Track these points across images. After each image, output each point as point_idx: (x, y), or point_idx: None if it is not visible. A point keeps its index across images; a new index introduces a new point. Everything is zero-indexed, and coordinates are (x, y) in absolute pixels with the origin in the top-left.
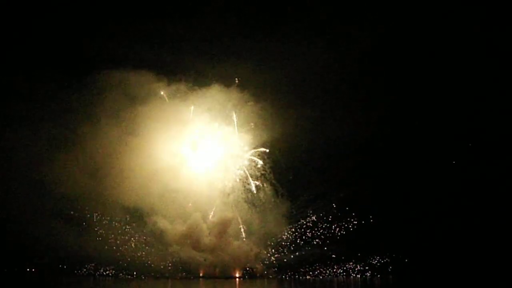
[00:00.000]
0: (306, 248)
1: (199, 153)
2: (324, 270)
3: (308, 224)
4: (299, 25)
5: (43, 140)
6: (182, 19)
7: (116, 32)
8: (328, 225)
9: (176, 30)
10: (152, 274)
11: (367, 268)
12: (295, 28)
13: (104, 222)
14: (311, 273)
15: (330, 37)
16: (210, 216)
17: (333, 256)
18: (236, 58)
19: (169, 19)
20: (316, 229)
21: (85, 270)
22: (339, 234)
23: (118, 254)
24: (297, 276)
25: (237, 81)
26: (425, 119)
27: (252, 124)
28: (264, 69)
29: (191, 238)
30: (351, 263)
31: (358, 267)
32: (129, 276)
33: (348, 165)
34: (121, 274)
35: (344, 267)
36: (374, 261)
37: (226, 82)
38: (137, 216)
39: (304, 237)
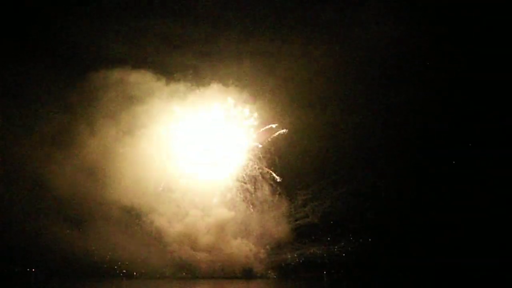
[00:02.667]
0: (306, 247)
1: (196, 152)
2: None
3: (307, 223)
4: (301, 26)
5: (40, 139)
6: (181, 18)
7: (115, 31)
8: (326, 225)
9: (175, 29)
10: (152, 273)
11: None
12: (297, 28)
13: (101, 222)
14: (310, 272)
15: (332, 39)
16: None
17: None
18: (236, 58)
19: (168, 18)
20: (315, 229)
21: (83, 270)
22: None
23: (117, 254)
24: (296, 276)
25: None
26: (426, 121)
27: (250, 123)
28: (263, 69)
29: (189, 237)
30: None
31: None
32: (129, 276)
33: (346, 165)
34: (121, 275)
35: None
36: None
37: (225, 81)
38: (134, 215)
39: (303, 237)
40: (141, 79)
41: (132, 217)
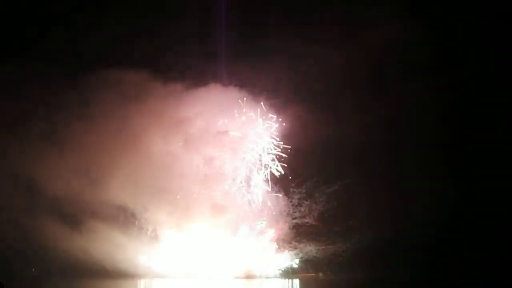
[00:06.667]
0: (304, 246)
1: (194, 151)
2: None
3: (304, 222)
4: (302, 25)
5: (36, 138)
6: (180, 17)
7: (112, 31)
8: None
9: (173, 28)
10: (151, 273)
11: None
12: (298, 27)
13: (98, 221)
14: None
15: (333, 38)
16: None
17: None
18: (235, 57)
19: (166, 17)
20: (313, 227)
21: (83, 270)
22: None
23: (115, 254)
24: (295, 275)
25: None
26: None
27: (248, 122)
28: (262, 68)
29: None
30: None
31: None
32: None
33: (342, 164)
34: (119, 275)
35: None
36: None
37: (224, 81)
38: (130, 214)
39: (302, 235)
40: (138, 79)
41: (128, 217)
